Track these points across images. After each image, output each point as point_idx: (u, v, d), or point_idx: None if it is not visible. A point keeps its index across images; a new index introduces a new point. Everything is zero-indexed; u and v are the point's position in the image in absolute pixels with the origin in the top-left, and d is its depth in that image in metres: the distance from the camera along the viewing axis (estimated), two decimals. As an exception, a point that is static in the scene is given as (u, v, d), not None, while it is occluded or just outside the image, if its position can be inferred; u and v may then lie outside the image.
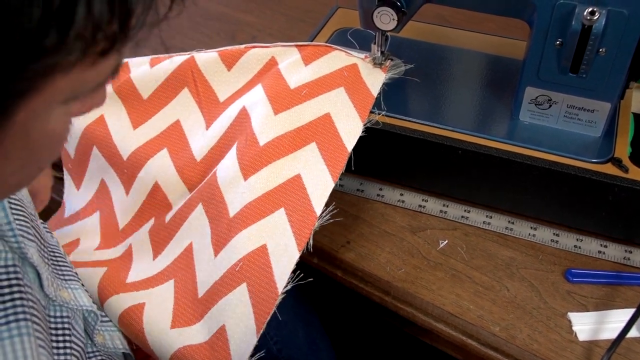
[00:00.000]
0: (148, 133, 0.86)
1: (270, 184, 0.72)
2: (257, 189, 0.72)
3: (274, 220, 0.70)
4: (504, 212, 0.83)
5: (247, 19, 1.25)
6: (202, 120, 0.85)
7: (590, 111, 0.77)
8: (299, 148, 0.74)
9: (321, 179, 0.72)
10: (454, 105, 0.85)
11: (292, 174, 0.72)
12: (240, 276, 0.68)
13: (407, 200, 0.85)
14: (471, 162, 0.79)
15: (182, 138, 0.85)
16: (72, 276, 0.63)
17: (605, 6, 0.68)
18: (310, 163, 0.73)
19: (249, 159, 0.74)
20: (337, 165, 0.73)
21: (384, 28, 0.79)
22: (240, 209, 0.71)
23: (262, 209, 0.71)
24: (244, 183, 0.73)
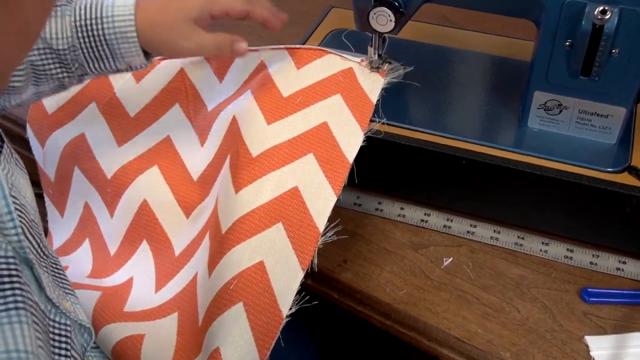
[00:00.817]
0: (135, 150, 0.86)
1: (264, 197, 0.72)
2: (249, 202, 0.72)
3: (271, 236, 0.70)
4: (513, 226, 0.83)
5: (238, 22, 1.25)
6: (196, 136, 0.85)
7: (604, 116, 0.77)
8: (295, 159, 0.74)
9: (321, 192, 0.72)
10: (457, 111, 0.85)
11: (288, 186, 0.72)
12: (236, 295, 0.68)
13: (408, 215, 0.85)
14: (476, 172, 0.79)
15: (174, 155, 0.85)
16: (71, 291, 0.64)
17: (617, 4, 0.68)
18: (309, 175, 0.73)
19: (240, 171, 0.74)
20: (339, 178, 0.73)
21: (381, 30, 0.79)
22: (233, 223, 0.71)
23: (257, 223, 0.71)
24: (234, 196, 0.73)
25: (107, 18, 0.72)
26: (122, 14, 0.72)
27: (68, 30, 0.71)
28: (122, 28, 0.72)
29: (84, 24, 0.72)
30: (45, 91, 0.76)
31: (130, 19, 0.72)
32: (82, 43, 0.72)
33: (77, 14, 0.72)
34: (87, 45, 0.72)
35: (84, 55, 0.73)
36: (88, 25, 0.72)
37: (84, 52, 0.73)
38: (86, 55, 0.73)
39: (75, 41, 0.72)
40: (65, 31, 0.71)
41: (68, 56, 0.72)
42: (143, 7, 0.73)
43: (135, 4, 0.73)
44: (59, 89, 0.77)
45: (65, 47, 0.72)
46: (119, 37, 0.72)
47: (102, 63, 0.74)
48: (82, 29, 0.72)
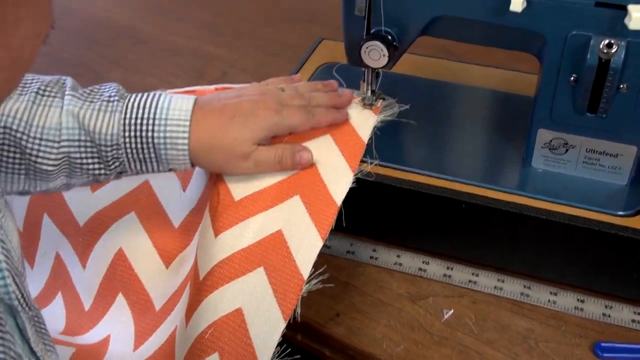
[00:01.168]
0: (110, 195, 0.87)
1: (246, 240, 0.73)
2: (229, 246, 0.73)
3: (251, 281, 0.70)
4: (519, 275, 0.84)
5: (217, 53, 1.28)
6: (176, 180, 0.86)
7: (613, 156, 0.79)
8: (280, 202, 0.75)
9: (307, 236, 0.73)
10: (456, 151, 0.87)
11: (272, 229, 0.74)
12: (211, 345, 0.68)
13: (405, 263, 0.86)
14: (477, 217, 0.81)
15: (153, 200, 0.86)
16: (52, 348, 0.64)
17: (624, 37, 0.70)
18: (294, 218, 0.74)
19: (221, 214, 0.75)
20: (325, 222, 0.74)
21: (374, 65, 0.81)
22: (211, 269, 0.72)
23: (236, 267, 0.71)
24: (214, 240, 0.74)
25: (159, 120, 0.72)
26: (176, 118, 0.73)
27: (115, 127, 0.72)
28: (174, 134, 0.73)
29: (133, 122, 0.72)
30: (76, 184, 0.76)
31: (184, 125, 0.73)
32: (128, 142, 0.72)
33: (129, 111, 0.73)
34: (132, 146, 0.73)
35: (127, 154, 0.73)
36: (138, 124, 0.72)
37: (128, 151, 0.73)
38: (129, 155, 0.73)
39: (120, 139, 0.72)
40: (112, 127, 0.72)
41: (109, 153, 0.73)
42: (201, 124, 0.74)
43: (193, 112, 0.73)
44: (92, 182, 0.77)
45: (109, 143, 0.72)
46: (168, 143, 0.73)
47: (145, 165, 0.74)
48: (131, 128, 0.72)
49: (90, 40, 1.35)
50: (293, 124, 0.78)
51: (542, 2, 0.72)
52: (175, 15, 1.42)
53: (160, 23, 1.40)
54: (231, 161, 0.75)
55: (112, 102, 0.73)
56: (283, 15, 1.39)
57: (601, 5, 0.70)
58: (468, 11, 0.76)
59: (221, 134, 0.74)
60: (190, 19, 1.40)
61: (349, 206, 0.76)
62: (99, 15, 1.45)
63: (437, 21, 0.79)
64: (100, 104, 0.72)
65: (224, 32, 1.35)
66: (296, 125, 0.79)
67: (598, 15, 0.71)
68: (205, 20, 1.40)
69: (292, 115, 0.78)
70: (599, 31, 0.71)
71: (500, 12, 0.74)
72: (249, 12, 1.42)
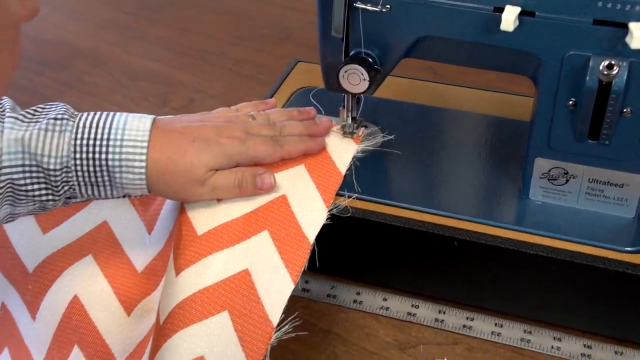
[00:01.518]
0: (64, 237, 0.86)
1: (209, 278, 0.72)
2: (191, 284, 0.72)
3: (214, 327, 0.70)
4: (518, 318, 0.84)
5: (183, 78, 1.28)
6: (140, 222, 0.86)
7: (618, 186, 0.80)
8: (247, 237, 0.75)
9: (276, 277, 0.73)
10: (446, 183, 0.87)
11: (238, 268, 0.73)
12: None
13: (393, 307, 0.86)
14: (471, 255, 0.81)
15: (113, 242, 0.85)
16: None
17: (626, 57, 0.71)
18: (262, 257, 0.74)
19: (183, 251, 0.75)
20: (297, 262, 0.74)
21: (353, 90, 0.82)
22: (171, 311, 0.71)
23: (198, 309, 0.71)
24: (175, 279, 0.73)
25: (114, 141, 0.72)
26: (133, 139, 0.73)
27: (65, 148, 0.72)
28: (130, 156, 0.73)
29: (85, 143, 0.72)
30: (21, 213, 0.75)
31: (141, 147, 0.73)
32: (79, 165, 0.72)
33: (80, 131, 0.72)
34: (83, 169, 0.72)
35: (78, 178, 0.73)
36: (90, 146, 0.72)
37: (79, 175, 0.73)
38: (80, 179, 0.73)
39: (70, 162, 0.72)
40: (61, 148, 0.71)
41: (58, 177, 0.72)
42: (159, 145, 0.74)
43: (151, 132, 0.74)
44: (38, 210, 0.76)
45: (57, 167, 0.72)
46: (124, 166, 0.73)
47: (98, 190, 0.74)
48: (82, 149, 0.72)
49: (40, 63, 1.35)
50: (258, 155, 0.79)
51: (536, 20, 0.73)
52: (136, 34, 1.43)
53: (119, 42, 1.40)
54: (187, 186, 0.76)
55: (61, 121, 0.73)
56: (254, 33, 1.40)
57: (600, 23, 0.71)
58: (455, 31, 0.77)
59: (178, 156, 0.74)
60: (152, 38, 1.41)
61: (328, 244, 0.76)
62: (50, 34, 1.44)
63: (421, 42, 0.80)
64: (47, 124, 0.72)
65: (189, 52, 1.35)
66: (262, 157, 0.79)
67: (597, 33, 0.71)
68: (168, 39, 1.40)
69: (258, 146, 0.79)
70: (599, 51, 0.72)
71: (490, 32, 0.75)
72: (217, 30, 1.42)
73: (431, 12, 0.77)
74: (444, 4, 0.76)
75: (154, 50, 1.36)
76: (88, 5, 1.56)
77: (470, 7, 0.75)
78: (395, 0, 0.77)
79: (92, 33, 1.44)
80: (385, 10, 0.78)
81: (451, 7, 0.76)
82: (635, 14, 0.69)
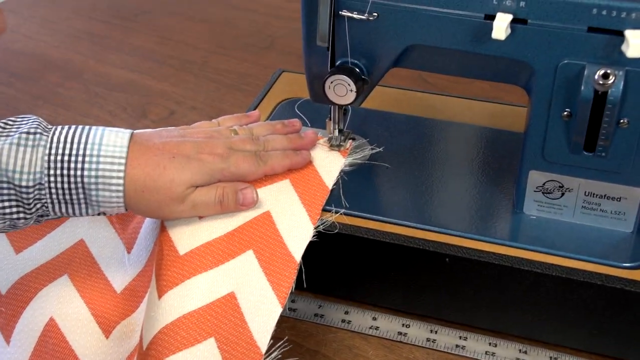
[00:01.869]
0: (39, 257, 0.86)
1: (193, 302, 0.73)
2: (175, 308, 0.72)
3: (200, 354, 0.70)
4: (513, 337, 0.84)
5: (163, 88, 1.28)
6: (118, 240, 0.86)
7: (615, 199, 0.80)
8: (231, 258, 0.76)
9: (263, 301, 0.73)
10: (437, 198, 0.88)
11: (223, 291, 0.73)
12: None
13: (383, 327, 0.86)
14: (463, 272, 0.81)
15: (90, 262, 0.85)
16: None
17: (622, 66, 0.72)
18: (248, 279, 0.74)
19: (165, 272, 0.75)
20: (284, 283, 0.74)
21: (340, 102, 0.82)
22: (154, 336, 0.71)
23: (183, 335, 0.71)
24: (157, 302, 0.73)
25: (90, 157, 0.72)
26: (110, 155, 0.72)
27: (38, 165, 0.71)
28: (107, 172, 0.72)
29: (59, 159, 0.71)
30: None
31: (119, 163, 0.73)
32: (53, 182, 0.71)
33: (54, 146, 0.72)
34: (57, 186, 0.72)
35: (51, 196, 0.72)
36: (65, 162, 0.71)
37: (52, 192, 0.72)
38: (54, 196, 0.72)
39: (44, 178, 0.71)
40: (34, 164, 0.71)
41: (31, 194, 0.71)
42: (137, 162, 0.74)
43: (129, 148, 0.73)
44: (8, 229, 0.75)
45: (29, 184, 0.71)
46: (100, 183, 0.72)
47: (72, 207, 0.74)
48: (57, 165, 0.71)
49: (11, 74, 1.35)
50: (240, 172, 0.79)
51: (529, 28, 0.74)
52: (111, 44, 1.43)
53: (94, 53, 1.40)
54: (166, 204, 0.76)
55: (34, 135, 0.72)
56: (237, 42, 1.40)
57: (595, 30, 0.72)
58: (445, 40, 0.77)
59: (157, 173, 0.74)
60: (129, 48, 1.41)
61: (315, 262, 0.76)
62: (21, 45, 1.45)
63: (410, 51, 0.80)
64: (19, 138, 0.71)
65: (169, 62, 1.35)
66: (244, 174, 0.80)
67: (591, 41, 0.72)
68: (146, 48, 1.40)
69: (240, 163, 0.79)
70: (593, 60, 0.73)
71: (481, 40, 0.75)
72: (197, 38, 1.43)
73: (420, 20, 0.77)
74: (433, 11, 0.76)
75: (131, 60, 1.37)
76: (61, 15, 1.56)
77: (461, 14, 0.75)
78: (383, 8, 0.78)
79: (65, 43, 1.44)
80: (372, 18, 0.78)
81: (441, 14, 0.76)
82: (631, 22, 0.70)
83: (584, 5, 0.71)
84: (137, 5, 1.58)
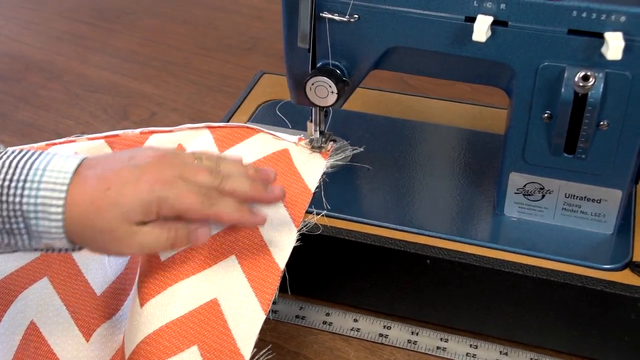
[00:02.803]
0: (18, 259, 0.85)
1: (176, 310, 0.72)
2: (157, 317, 0.72)
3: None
4: (494, 339, 0.84)
5: (144, 90, 1.27)
6: None
7: (596, 201, 0.80)
8: (214, 263, 0.75)
9: (247, 307, 0.72)
10: (418, 199, 0.88)
11: (205, 298, 0.73)
12: None
13: (364, 328, 0.86)
14: (444, 274, 0.81)
15: (70, 264, 0.84)
16: None
17: (602, 68, 0.72)
18: (231, 284, 0.73)
19: (147, 279, 0.74)
20: (267, 289, 0.73)
21: (321, 104, 0.82)
22: (137, 346, 0.71)
23: (166, 345, 0.70)
24: (139, 311, 0.73)
25: (31, 183, 0.65)
26: (52, 181, 0.65)
27: None
28: (47, 200, 0.65)
29: (1, 185, 0.65)
30: None
31: (60, 190, 0.65)
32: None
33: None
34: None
35: None
36: (6, 187, 0.64)
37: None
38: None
39: None
40: None
41: None
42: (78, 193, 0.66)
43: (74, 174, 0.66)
44: None
45: None
46: (40, 211, 0.65)
47: (14, 238, 0.67)
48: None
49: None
50: (181, 207, 0.67)
51: (509, 30, 0.73)
52: (94, 45, 1.42)
53: (76, 54, 1.39)
54: (111, 245, 0.67)
55: None
56: (219, 43, 1.40)
57: (575, 33, 0.71)
58: (426, 42, 0.77)
59: (93, 211, 0.66)
60: (111, 49, 1.40)
61: (296, 263, 0.76)
62: (3, 46, 1.44)
63: (391, 53, 0.80)
64: None
65: (151, 63, 1.35)
66: (184, 210, 0.68)
67: (571, 44, 0.72)
68: (128, 49, 1.39)
69: (184, 196, 0.67)
70: (574, 62, 0.73)
71: (461, 42, 0.75)
72: (179, 40, 1.42)
73: (400, 22, 0.77)
74: (414, 13, 0.76)
75: (112, 62, 1.36)
76: (43, 16, 1.55)
77: (441, 16, 0.75)
78: (364, 10, 0.77)
79: (47, 45, 1.43)
80: (353, 20, 0.78)
81: (421, 16, 0.76)
82: (611, 24, 0.70)
83: (564, 8, 0.71)
84: (120, 7, 1.57)
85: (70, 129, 1.12)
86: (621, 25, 0.70)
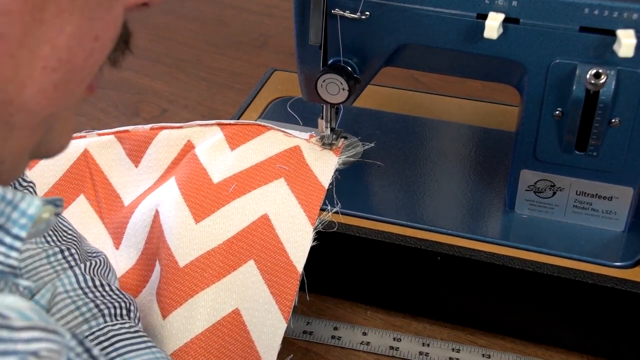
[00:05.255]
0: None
1: (199, 324, 0.72)
2: (181, 331, 0.71)
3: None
4: (506, 349, 0.84)
5: (155, 87, 1.27)
6: (108, 237, 0.85)
7: (607, 199, 0.80)
8: (232, 269, 0.74)
9: (268, 317, 0.72)
10: (428, 196, 0.87)
11: (227, 309, 0.72)
12: None
13: (374, 342, 0.85)
14: (455, 271, 0.81)
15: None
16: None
17: (614, 65, 0.72)
18: (251, 292, 0.73)
19: (167, 288, 0.74)
20: (287, 295, 0.73)
21: (332, 100, 0.81)
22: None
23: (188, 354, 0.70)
24: (162, 322, 0.72)
25: None
26: None
27: None
28: None
29: None
30: None
31: None
32: None
33: None
34: None
35: None
36: None
37: None
38: None
39: None
40: None
41: None
42: None
43: None
44: None
45: None
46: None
47: None
48: None
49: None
50: None
51: (521, 28, 0.73)
52: (105, 42, 1.42)
53: (88, 51, 1.39)
54: None
55: None
56: (229, 41, 1.40)
57: (586, 30, 0.71)
58: (437, 39, 0.77)
59: None
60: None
61: (307, 261, 0.75)
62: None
63: (402, 50, 0.80)
64: None
65: (161, 60, 1.35)
66: None
67: (583, 41, 0.72)
68: (139, 46, 1.39)
69: None
70: (585, 59, 0.72)
71: (473, 40, 0.75)
72: (190, 37, 1.42)
73: (412, 19, 0.77)
74: (425, 10, 0.76)
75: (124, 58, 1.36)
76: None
77: (453, 13, 0.75)
78: (375, 7, 0.77)
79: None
80: (364, 17, 0.78)
81: (432, 13, 0.76)
82: (623, 21, 0.70)
83: (575, 5, 0.71)
84: (131, 4, 1.57)
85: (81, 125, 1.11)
86: (633, 23, 0.69)
